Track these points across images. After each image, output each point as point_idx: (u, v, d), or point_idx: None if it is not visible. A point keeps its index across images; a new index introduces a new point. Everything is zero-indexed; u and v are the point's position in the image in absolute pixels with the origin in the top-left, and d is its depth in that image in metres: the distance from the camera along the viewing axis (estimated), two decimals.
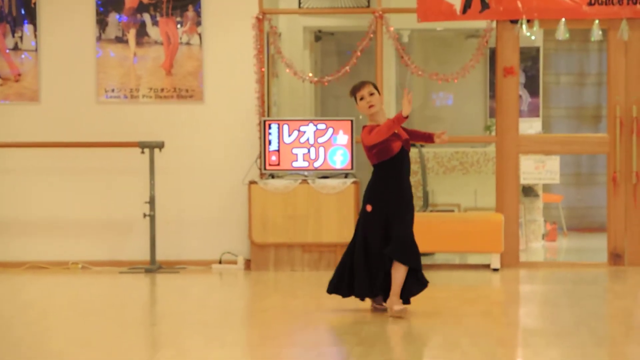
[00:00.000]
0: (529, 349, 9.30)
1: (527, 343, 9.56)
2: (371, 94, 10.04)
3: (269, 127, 13.16)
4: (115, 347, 9.32)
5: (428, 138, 10.52)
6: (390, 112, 14.47)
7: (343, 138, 13.16)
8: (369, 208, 10.14)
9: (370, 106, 10.05)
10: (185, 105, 13.54)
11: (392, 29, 13.43)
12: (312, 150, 13.16)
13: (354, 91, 10.16)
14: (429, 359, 8.93)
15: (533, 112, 16.07)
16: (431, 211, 14.87)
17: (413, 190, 14.94)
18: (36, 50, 13.62)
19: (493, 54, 14.03)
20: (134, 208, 13.45)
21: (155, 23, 13.51)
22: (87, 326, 10.31)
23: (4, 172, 13.67)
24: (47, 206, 13.69)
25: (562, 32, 13.27)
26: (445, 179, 15.52)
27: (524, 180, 14.14)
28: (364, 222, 10.26)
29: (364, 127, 10.15)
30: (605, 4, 13.07)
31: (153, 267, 13.24)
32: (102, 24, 13.54)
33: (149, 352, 9.47)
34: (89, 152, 13.49)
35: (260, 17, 13.42)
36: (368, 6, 14.37)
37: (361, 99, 10.08)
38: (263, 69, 13.48)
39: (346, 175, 13.24)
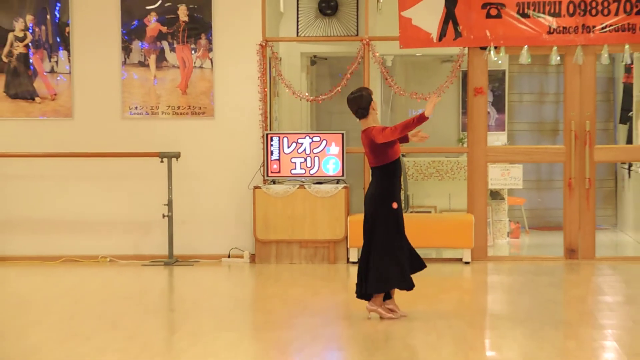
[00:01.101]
0: (495, 330, 9.43)
1: (494, 326, 9.70)
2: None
3: (271, 140, 13.20)
4: (139, 328, 9.44)
5: (404, 138, 9.86)
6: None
7: (335, 149, 13.18)
8: (394, 205, 9.63)
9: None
10: (198, 120, 13.55)
11: (377, 54, 13.43)
12: (308, 159, 13.14)
13: (369, 97, 9.67)
14: (410, 338, 8.91)
15: (499, 126, 16.00)
16: (411, 212, 14.75)
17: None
18: (70, 73, 13.59)
19: (465, 76, 13.88)
20: (154, 209, 13.42)
21: (172, 49, 13.51)
22: (114, 311, 10.39)
23: (42, 179, 13.63)
24: (79, 208, 13.65)
25: (525, 57, 13.26)
26: (423, 184, 15.50)
27: (492, 185, 14.25)
28: (392, 219, 9.65)
29: (371, 128, 9.57)
30: (562, 33, 13.11)
31: (171, 260, 13.26)
32: (126, 50, 13.54)
33: (167, 333, 9.63)
34: (115, 161, 13.50)
35: (264, 44, 13.45)
36: (357, 35, 14.30)
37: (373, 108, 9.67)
38: (266, 89, 13.47)
39: (337, 181, 13.28)
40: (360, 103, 9.65)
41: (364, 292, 9.63)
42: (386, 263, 9.61)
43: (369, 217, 9.72)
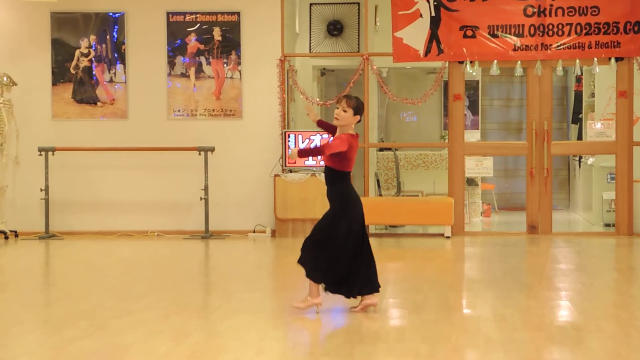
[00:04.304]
0: (471, 292, 9.47)
1: (470, 288, 9.73)
2: (344, 110, 7.98)
3: (288, 137, 13.17)
4: (180, 290, 9.48)
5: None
6: (373, 126, 14.78)
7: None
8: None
9: (335, 118, 8.08)
10: (229, 121, 13.54)
11: (375, 67, 13.45)
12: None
13: (338, 98, 8.22)
14: (400, 299, 8.96)
15: (474, 126, 15.93)
16: (402, 195, 14.79)
17: (390, 181, 15.28)
18: (125, 82, 13.60)
19: (446, 85, 13.86)
20: (193, 193, 13.43)
21: (208, 63, 13.50)
22: (160, 276, 10.46)
23: (102, 168, 13.64)
24: (132, 192, 13.68)
25: (494, 69, 13.31)
26: (412, 173, 15.48)
27: (468, 174, 14.18)
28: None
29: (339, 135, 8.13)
30: (525, 50, 13.11)
31: (206, 234, 13.28)
32: (171, 64, 13.54)
33: (204, 293, 9.67)
34: (162, 154, 13.52)
35: (282, 59, 13.47)
36: (358, 51, 14.37)
37: (338, 106, 8.08)
38: (284, 95, 13.48)
39: None
40: (362, 110, 8.16)
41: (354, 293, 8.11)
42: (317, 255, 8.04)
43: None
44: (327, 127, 8.53)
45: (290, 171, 13.33)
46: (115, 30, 13.60)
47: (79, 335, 7.47)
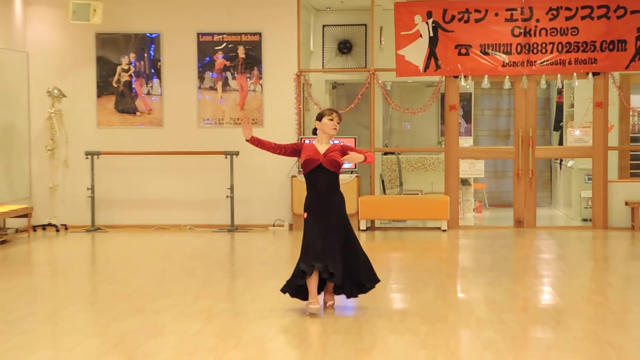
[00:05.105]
0: (464, 278, 9.47)
1: (464, 275, 9.72)
2: (338, 123, 7.66)
3: (304, 142, 13.18)
4: (209, 277, 9.51)
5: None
6: (378, 133, 14.77)
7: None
8: (305, 215, 7.76)
9: (333, 129, 7.64)
10: (253, 128, 13.50)
11: (380, 81, 13.47)
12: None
13: (330, 111, 7.72)
14: (400, 284, 8.97)
15: (467, 133, 15.84)
16: (404, 194, 14.74)
17: (394, 181, 15.26)
18: (161, 94, 13.59)
19: (442, 97, 13.82)
20: (220, 192, 13.41)
21: (233, 78, 13.46)
22: (191, 264, 10.43)
23: (141, 170, 13.61)
24: (167, 190, 13.65)
25: (485, 83, 13.27)
26: (413, 174, 15.42)
27: (462, 175, 14.03)
28: (308, 225, 7.65)
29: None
30: (512, 66, 13.07)
31: (232, 228, 13.24)
32: (201, 78, 13.51)
33: (230, 279, 9.69)
34: (193, 157, 13.48)
35: (298, 74, 13.44)
36: (365, 67, 14.33)
37: (331, 119, 7.60)
38: (300, 106, 13.44)
39: (351, 172, 13.23)
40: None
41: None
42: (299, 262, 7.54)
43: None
44: (258, 142, 7.97)
45: None
46: (152, 49, 13.60)
47: (121, 316, 7.53)
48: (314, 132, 7.87)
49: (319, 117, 7.73)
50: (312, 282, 7.44)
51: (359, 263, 7.70)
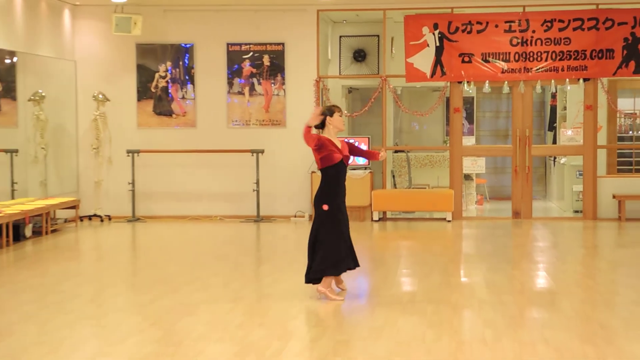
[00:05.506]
0: (468, 264, 9.47)
1: (467, 261, 9.74)
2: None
3: (321, 136, 13.19)
4: (237, 262, 9.53)
5: (373, 156, 7.76)
6: (390, 133, 14.72)
7: (363, 147, 12.83)
8: (325, 207, 7.30)
9: (343, 123, 7.44)
10: (276, 129, 13.50)
11: (391, 86, 13.46)
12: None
13: (339, 108, 7.48)
14: (411, 269, 8.96)
15: (470, 133, 15.81)
16: (413, 188, 14.65)
17: (403, 176, 15.23)
18: (194, 98, 13.58)
19: (448, 100, 13.80)
20: (247, 185, 13.40)
21: (259, 83, 13.46)
22: (221, 251, 10.47)
23: (176, 166, 13.60)
24: (200, 184, 13.63)
25: (486, 88, 13.28)
26: (421, 170, 15.36)
27: (465, 171, 14.04)
28: (329, 218, 7.30)
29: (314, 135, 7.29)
30: (511, 72, 13.04)
31: (258, 218, 13.23)
32: (230, 84, 13.51)
33: (256, 265, 9.66)
34: (223, 155, 13.49)
35: (318, 79, 13.42)
36: (378, 73, 14.19)
37: (340, 115, 7.36)
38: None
39: (365, 168, 13.19)
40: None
41: (311, 277, 7.39)
42: (326, 253, 7.27)
43: (315, 215, 7.43)
44: (310, 131, 7.22)
45: None
46: (187, 57, 13.61)
47: (158, 296, 7.55)
48: (318, 127, 7.38)
49: (330, 113, 7.36)
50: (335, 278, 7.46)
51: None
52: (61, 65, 13.34)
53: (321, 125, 7.38)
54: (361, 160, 12.90)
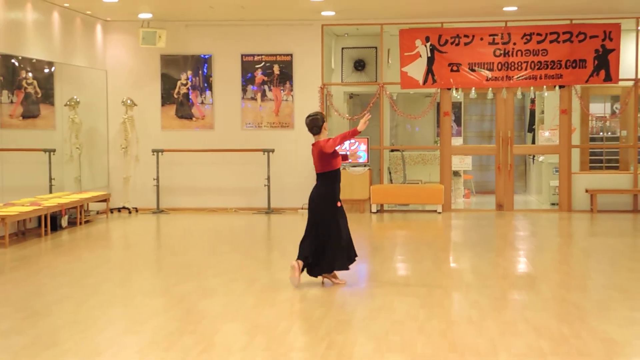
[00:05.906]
0: (455, 252, 9.43)
1: (455, 249, 9.70)
2: None
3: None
4: (250, 250, 9.48)
5: (344, 158, 7.55)
6: (386, 134, 14.69)
7: (363, 146, 13.06)
8: (339, 204, 7.21)
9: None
10: (285, 131, 13.46)
11: (388, 92, 13.43)
12: (348, 153, 12.85)
13: (323, 119, 7.20)
14: (405, 256, 8.93)
15: (458, 134, 15.70)
16: (407, 183, 14.44)
17: (399, 173, 15.19)
18: (212, 104, 13.55)
19: (438, 105, 13.76)
20: (259, 181, 13.37)
21: (270, 90, 13.43)
22: (236, 239, 10.43)
23: (196, 164, 13.56)
24: (217, 180, 13.58)
25: (473, 94, 13.22)
26: (415, 167, 15.26)
27: (454, 168, 13.97)
28: (336, 215, 7.14)
29: (320, 141, 7.17)
30: (494, 80, 13.01)
31: (269, 211, 13.19)
32: (244, 91, 13.47)
33: (266, 253, 9.67)
34: (238, 154, 13.44)
35: (322, 86, 13.39)
36: (376, 81, 14.15)
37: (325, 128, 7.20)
38: (324, 113, 13.36)
39: (365, 165, 13.12)
40: (316, 123, 7.18)
41: (318, 272, 7.22)
42: (334, 248, 7.14)
43: (316, 214, 7.22)
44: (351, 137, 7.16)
45: None
46: (205, 67, 13.58)
47: (180, 280, 7.56)
48: (316, 131, 7.18)
49: (323, 121, 7.21)
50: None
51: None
52: (94, 74, 13.35)
53: (317, 131, 7.21)
54: (361, 159, 12.89)
